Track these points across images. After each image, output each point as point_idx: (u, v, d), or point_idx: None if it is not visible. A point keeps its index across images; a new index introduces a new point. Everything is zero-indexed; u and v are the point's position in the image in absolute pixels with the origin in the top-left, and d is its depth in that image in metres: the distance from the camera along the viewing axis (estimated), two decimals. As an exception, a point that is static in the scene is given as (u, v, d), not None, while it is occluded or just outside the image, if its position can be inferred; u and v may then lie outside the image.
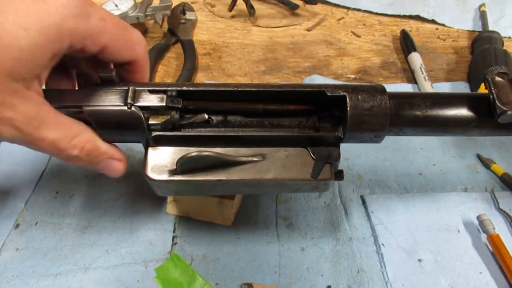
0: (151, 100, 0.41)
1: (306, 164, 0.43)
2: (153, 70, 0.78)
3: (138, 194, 0.58)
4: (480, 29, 0.92)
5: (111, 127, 0.41)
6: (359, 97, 0.42)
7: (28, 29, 0.32)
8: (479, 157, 0.65)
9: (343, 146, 0.44)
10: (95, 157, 0.41)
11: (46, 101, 0.37)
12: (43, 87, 0.37)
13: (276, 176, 0.42)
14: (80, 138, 0.38)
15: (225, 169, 0.42)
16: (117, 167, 0.43)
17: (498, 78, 0.43)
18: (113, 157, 0.42)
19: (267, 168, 0.42)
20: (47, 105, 0.37)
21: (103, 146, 0.41)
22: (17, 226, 0.54)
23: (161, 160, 0.42)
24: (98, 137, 0.41)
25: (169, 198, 0.55)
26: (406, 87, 0.79)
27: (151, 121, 0.41)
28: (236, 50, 0.86)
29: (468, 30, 0.94)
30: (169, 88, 0.42)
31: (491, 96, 0.42)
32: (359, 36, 0.91)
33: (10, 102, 0.33)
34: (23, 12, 0.31)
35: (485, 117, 0.44)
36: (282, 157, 0.43)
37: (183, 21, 0.88)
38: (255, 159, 0.43)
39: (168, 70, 0.81)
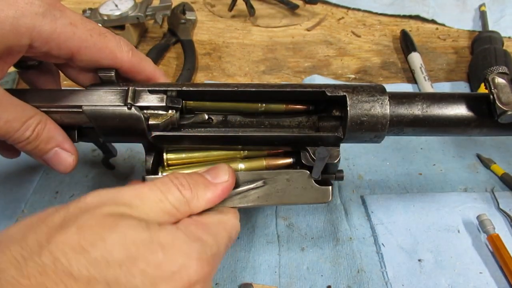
0: (151, 100, 0.41)
1: (307, 188, 0.43)
2: (153, 70, 0.78)
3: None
4: (480, 29, 0.92)
5: (111, 127, 0.41)
6: (359, 97, 0.42)
7: None
8: (479, 157, 0.65)
9: (343, 146, 0.44)
10: (45, 142, 0.40)
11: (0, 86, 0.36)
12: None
13: (277, 202, 0.43)
14: (33, 120, 0.38)
15: (227, 198, 0.41)
16: (66, 160, 0.41)
17: (498, 78, 0.43)
18: (62, 146, 0.41)
19: (268, 195, 0.42)
20: (0, 89, 0.36)
21: (54, 131, 0.40)
22: (17, 226, 0.54)
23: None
24: (52, 122, 0.40)
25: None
26: (406, 87, 0.79)
27: (151, 121, 0.41)
28: (236, 50, 0.86)
29: (468, 30, 0.94)
30: (169, 88, 0.42)
31: (491, 96, 0.42)
32: (359, 36, 0.91)
33: None
34: None
35: (485, 117, 0.44)
36: (283, 180, 0.43)
37: (183, 21, 0.88)
38: (256, 186, 0.42)
39: (168, 70, 0.81)
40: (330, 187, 0.43)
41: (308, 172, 0.43)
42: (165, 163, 0.44)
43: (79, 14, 0.36)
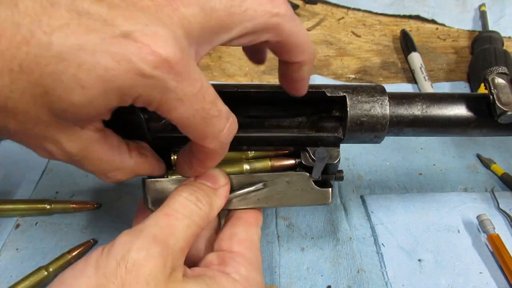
0: None
1: (307, 190, 0.43)
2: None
3: (138, 194, 0.57)
4: (480, 29, 0.92)
5: (111, 128, 0.41)
6: (359, 97, 0.42)
7: (86, 87, 0.27)
8: (479, 157, 0.65)
9: (343, 146, 0.44)
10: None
11: (101, 138, 0.34)
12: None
13: (277, 204, 0.43)
14: (115, 173, 0.37)
15: (228, 201, 0.41)
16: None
17: (498, 78, 0.43)
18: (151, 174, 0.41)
19: (268, 197, 0.42)
20: (98, 143, 0.34)
21: (140, 173, 0.39)
22: (17, 226, 0.54)
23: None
24: (140, 164, 0.39)
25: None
26: (406, 87, 0.79)
27: (151, 122, 0.41)
28: (236, 50, 0.86)
29: (468, 30, 0.94)
30: None
31: (491, 96, 0.42)
32: (359, 36, 0.91)
33: (54, 139, 0.31)
34: (87, 68, 0.27)
35: (485, 117, 0.44)
36: (283, 183, 0.42)
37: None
38: (255, 188, 0.42)
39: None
40: (330, 189, 0.43)
41: (308, 174, 0.43)
42: (173, 164, 0.44)
43: (199, 87, 0.30)
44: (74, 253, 0.50)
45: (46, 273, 0.47)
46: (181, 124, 0.32)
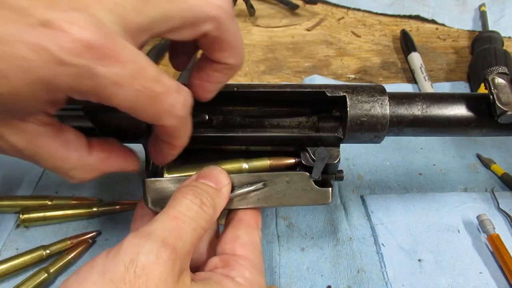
0: None
1: (307, 189, 0.43)
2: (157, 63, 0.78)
3: (138, 194, 0.58)
4: (480, 29, 0.92)
5: (111, 128, 0.41)
6: (359, 97, 0.42)
7: (9, 78, 0.27)
8: (479, 157, 0.65)
9: (343, 146, 0.44)
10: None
11: (49, 131, 0.33)
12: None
13: (277, 204, 0.42)
14: (76, 172, 0.36)
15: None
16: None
17: (498, 78, 0.43)
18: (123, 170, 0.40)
19: (267, 197, 0.42)
20: (45, 136, 0.33)
21: (107, 170, 0.38)
22: (17, 226, 0.54)
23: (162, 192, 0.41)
24: (103, 160, 0.37)
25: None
26: (406, 87, 0.79)
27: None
28: (236, 50, 0.86)
29: (468, 30, 0.94)
30: None
31: (491, 96, 0.42)
32: (359, 36, 0.91)
33: None
34: (7, 60, 0.26)
35: (485, 117, 0.44)
36: (283, 182, 0.42)
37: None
38: (255, 188, 0.42)
39: (168, 70, 0.81)
40: (330, 188, 0.43)
41: (308, 174, 0.43)
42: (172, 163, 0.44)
43: (135, 67, 0.30)
44: (73, 254, 0.50)
45: (46, 274, 0.47)
46: (129, 108, 0.31)
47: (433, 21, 0.95)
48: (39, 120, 0.32)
